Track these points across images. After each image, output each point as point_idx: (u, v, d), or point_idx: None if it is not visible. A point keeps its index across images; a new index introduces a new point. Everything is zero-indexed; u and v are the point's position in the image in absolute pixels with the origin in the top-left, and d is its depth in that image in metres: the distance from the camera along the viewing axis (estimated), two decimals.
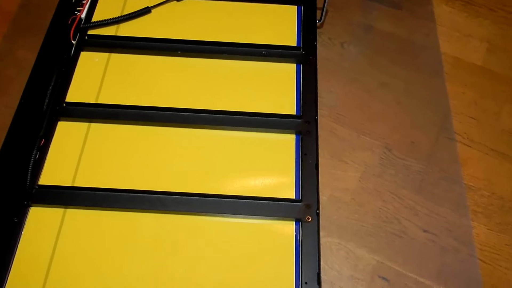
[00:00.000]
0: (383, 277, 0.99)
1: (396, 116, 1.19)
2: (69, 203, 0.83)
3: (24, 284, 0.76)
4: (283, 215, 0.83)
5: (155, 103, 0.94)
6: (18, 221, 0.82)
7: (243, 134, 0.92)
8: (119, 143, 0.91)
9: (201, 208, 0.83)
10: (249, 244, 0.81)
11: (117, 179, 0.87)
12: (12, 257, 0.79)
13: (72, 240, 0.81)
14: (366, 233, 1.03)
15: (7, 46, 1.32)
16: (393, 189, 1.09)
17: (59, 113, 0.93)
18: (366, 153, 1.14)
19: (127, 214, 0.83)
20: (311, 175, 0.87)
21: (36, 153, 0.88)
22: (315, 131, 0.92)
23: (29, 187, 0.84)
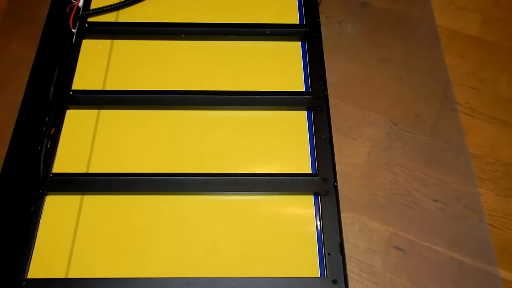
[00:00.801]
0: (398, 247, 1.00)
1: (398, 90, 1.21)
2: (86, 189, 0.82)
3: (47, 272, 0.75)
4: (301, 189, 0.84)
5: (163, 87, 0.94)
6: (35, 210, 0.81)
7: (254, 113, 0.92)
8: (130, 128, 0.90)
9: (219, 187, 0.83)
10: (269, 220, 0.82)
11: (131, 163, 0.86)
12: (32, 246, 0.78)
13: (91, 226, 0.80)
14: (378, 206, 1.05)
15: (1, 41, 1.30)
16: (401, 161, 1.10)
17: (67, 102, 0.92)
18: (372, 128, 1.15)
19: (144, 197, 0.83)
20: (326, 149, 0.88)
21: (47, 142, 0.87)
22: (326, 106, 0.92)
23: (43, 176, 0.83)
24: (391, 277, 0.97)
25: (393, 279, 0.97)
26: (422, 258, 0.99)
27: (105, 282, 0.73)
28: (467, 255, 1.00)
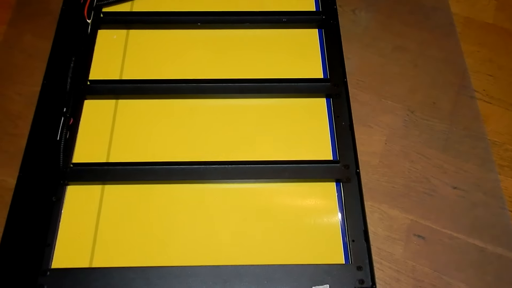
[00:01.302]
0: (418, 235, 0.99)
1: (414, 78, 1.19)
2: (106, 179, 0.82)
3: (71, 262, 0.75)
4: (322, 176, 0.83)
5: (179, 76, 0.93)
6: (57, 200, 0.80)
7: (273, 101, 0.92)
8: (148, 118, 0.89)
9: (239, 175, 0.83)
10: (291, 208, 0.81)
11: (150, 152, 0.86)
12: (55, 236, 0.77)
13: (113, 216, 0.80)
14: (398, 194, 1.04)
15: (12, 33, 1.29)
16: (420, 149, 1.09)
17: (85, 92, 0.91)
18: (389, 116, 1.13)
19: (166, 186, 0.83)
20: (346, 136, 0.87)
21: (66, 132, 0.86)
22: (345, 93, 0.92)
23: (64, 166, 0.83)
24: (412, 264, 0.96)
25: (414, 266, 0.96)
26: (443, 245, 0.98)
27: (130, 271, 0.73)
28: (489, 242, 0.99)
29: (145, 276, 0.73)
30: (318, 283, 0.73)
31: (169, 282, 0.72)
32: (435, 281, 0.94)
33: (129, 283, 0.72)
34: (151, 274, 0.73)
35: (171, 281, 0.73)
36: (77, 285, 0.72)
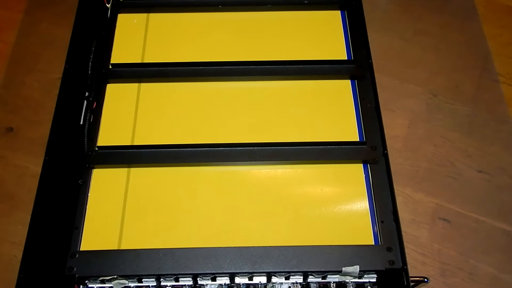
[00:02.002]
0: (444, 218, 0.98)
1: (436, 61, 1.18)
2: (132, 162, 0.82)
3: (99, 244, 0.75)
4: (349, 158, 0.82)
5: (201, 58, 0.92)
6: (83, 183, 0.80)
7: (298, 84, 0.91)
8: (172, 100, 0.89)
9: (266, 157, 0.82)
10: (319, 189, 0.80)
11: (175, 135, 0.85)
12: (82, 219, 0.77)
13: (140, 198, 0.79)
14: (422, 177, 1.03)
15: (29, 21, 1.29)
16: (443, 133, 1.08)
17: (107, 76, 0.91)
18: (412, 100, 1.12)
19: (191, 168, 0.82)
20: (372, 118, 0.86)
21: (90, 116, 0.86)
22: (370, 74, 0.90)
23: (88, 149, 0.82)
24: (438, 248, 0.95)
25: (440, 250, 0.95)
26: (469, 229, 0.97)
27: (159, 252, 0.72)
28: None
29: (174, 257, 0.72)
30: (347, 264, 0.72)
31: (198, 263, 0.72)
32: (461, 264, 0.93)
33: (158, 264, 0.71)
34: (180, 255, 0.72)
35: (200, 262, 0.72)
36: (106, 267, 0.71)
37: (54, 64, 1.20)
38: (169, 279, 0.74)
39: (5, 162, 1.05)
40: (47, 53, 1.23)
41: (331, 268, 0.72)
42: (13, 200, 1.01)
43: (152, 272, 0.71)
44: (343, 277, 0.74)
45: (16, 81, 1.17)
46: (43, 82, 1.17)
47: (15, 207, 1.00)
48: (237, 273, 0.73)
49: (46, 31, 1.28)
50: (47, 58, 1.22)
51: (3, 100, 1.14)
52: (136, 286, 0.75)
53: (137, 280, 0.74)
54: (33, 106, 1.13)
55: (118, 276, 0.72)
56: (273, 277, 0.74)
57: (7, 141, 1.08)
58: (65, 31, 1.19)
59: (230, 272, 0.72)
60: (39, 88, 1.18)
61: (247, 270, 0.72)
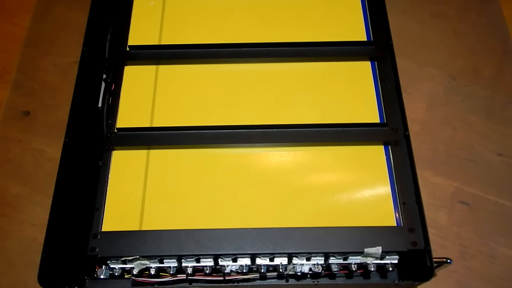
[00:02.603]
0: (463, 201, 0.98)
1: (454, 44, 1.16)
2: (151, 143, 0.81)
3: (121, 225, 0.75)
4: (370, 139, 0.81)
5: (220, 40, 0.92)
6: (103, 165, 0.80)
7: (317, 65, 0.90)
8: (190, 82, 0.88)
9: (287, 139, 0.82)
10: (340, 171, 0.80)
11: (194, 117, 0.85)
12: (103, 200, 0.77)
13: (160, 180, 0.79)
14: (440, 161, 1.02)
15: (44, 5, 1.28)
16: (462, 116, 1.07)
17: (125, 58, 0.90)
18: (430, 83, 1.11)
19: (211, 150, 0.82)
20: (393, 99, 0.85)
21: (108, 98, 0.86)
22: (390, 56, 0.89)
23: (108, 131, 0.82)
24: (457, 231, 0.95)
25: (459, 233, 0.95)
26: (488, 212, 0.97)
27: (180, 233, 0.72)
28: None
29: (195, 238, 0.72)
30: (369, 245, 0.72)
31: (219, 244, 0.72)
32: (481, 247, 0.93)
33: (180, 245, 0.72)
34: (202, 236, 0.72)
35: (221, 243, 0.72)
36: (128, 248, 0.72)
37: (69, 47, 1.20)
38: (190, 260, 0.74)
39: (23, 145, 1.06)
40: (62, 36, 1.23)
41: (353, 249, 0.72)
42: (32, 183, 1.01)
43: (174, 252, 0.72)
44: (365, 258, 0.74)
45: (31, 64, 1.17)
46: (59, 66, 1.17)
47: (34, 189, 1.00)
48: (258, 254, 0.73)
49: (61, 15, 1.28)
50: (62, 41, 1.22)
51: (19, 84, 1.14)
52: (157, 267, 0.75)
53: (159, 261, 0.74)
54: (50, 90, 1.13)
55: (140, 256, 0.72)
56: (294, 258, 0.74)
57: (25, 125, 1.08)
58: (80, 15, 1.19)
59: (251, 253, 0.72)
60: (54, 71, 1.18)
61: (269, 251, 0.72)
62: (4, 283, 0.92)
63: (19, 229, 0.97)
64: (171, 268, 0.74)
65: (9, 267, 0.94)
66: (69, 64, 1.17)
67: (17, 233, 0.97)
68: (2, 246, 0.96)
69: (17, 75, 1.16)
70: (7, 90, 1.14)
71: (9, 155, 1.05)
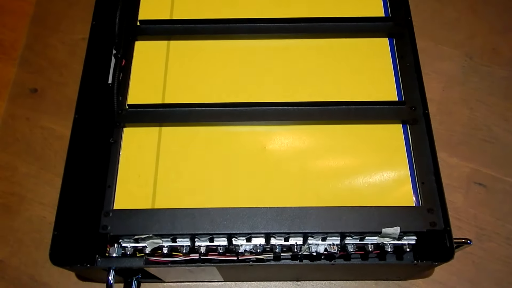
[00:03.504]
0: (480, 183, 0.96)
1: (472, 23, 1.13)
2: (164, 120, 0.79)
3: (133, 203, 0.73)
4: (388, 118, 0.79)
5: (233, 15, 0.89)
6: (114, 142, 0.78)
7: (334, 42, 0.87)
8: (203, 58, 0.86)
9: (303, 117, 0.80)
10: (358, 149, 0.78)
11: (206, 94, 0.83)
12: (115, 178, 0.75)
13: (172, 157, 0.78)
14: (457, 142, 1.00)
15: None
16: (479, 96, 1.04)
17: (135, 32, 0.88)
18: (446, 63, 1.08)
19: (224, 128, 0.80)
20: (412, 77, 0.83)
21: (119, 74, 0.83)
22: (409, 32, 0.86)
23: (119, 107, 0.80)
24: (474, 212, 0.93)
25: (476, 214, 0.93)
26: (505, 193, 0.95)
27: (194, 212, 0.71)
28: None
29: (209, 217, 0.71)
30: (388, 225, 0.70)
31: (233, 223, 0.70)
32: (498, 229, 0.91)
33: (194, 224, 0.70)
34: (216, 215, 0.71)
35: (236, 222, 0.70)
36: (141, 226, 0.70)
37: (77, 25, 1.18)
38: (204, 239, 0.72)
39: (31, 123, 1.04)
40: (70, 13, 1.20)
41: (370, 229, 0.70)
42: (40, 162, 1.00)
43: (188, 231, 0.70)
44: (382, 238, 0.72)
45: (39, 41, 1.15)
46: (67, 43, 1.15)
47: (43, 168, 0.99)
48: (273, 234, 0.71)
49: None
50: (70, 18, 1.20)
51: (26, 61, 1.12)
52: (169, 246, 0.73)
53: (171, 240, 0.72)
54: (58, 67, 1.11)
55: (153, 235, 0.70)
56: (309, 239, 0.73)
57: (33, 102, 1.07)
58: None
59: (266, 232, 0.70)
60: (63, 49, 1.15)
61: (284, 231, 0.70)
62: (15, 262, 0.91)
63: (28, 208, 0.96)
64: (183, 247, 0.73)
65: (19, 246, 0.93)
66: (77, 41, 1.15)
67: (26, 212, 0.96)
68: (11, 225, 0.94)
69: (24, 52, 1.14)
70: (14, 67, 1.12)
71: (17, 133, 1.03)
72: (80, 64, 1.08)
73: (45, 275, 0.90)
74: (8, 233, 0.94)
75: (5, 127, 1.05)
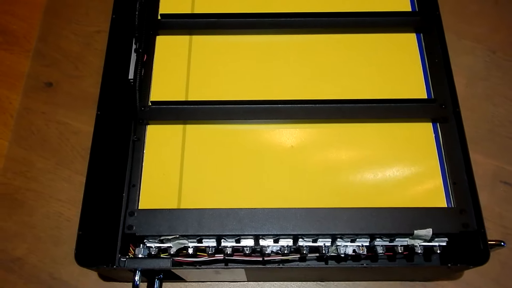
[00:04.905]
0: (505, 181, 0.94)
1: (496, 16, 1.11)
2: (188, 117, 0.78)
3: (158, 202, 0.72)
4: (418, 116, 0.78)
5: (256, 9, 0.86)
6: (138, 139, 0.76)
7: (359, 37, 0.85)
8: (226, 54, 0.84)
9: (330, 114, 0.78)
10: (386, 149, 0.76)
11: (230, 91, 0.81)
12: (139, 177, 0.74)
13: (197, 156, 0.76)
14: (481, 138, 0.98)
15: None
16: (503, 92, 1.02)
17: (156, 27, 0.85)
18: (469, 57, 1.06)
19: (250, 126, 0.78)
20: (441, 73, 0.81)
21: (141, 69, 0.81)
22: (437, 27, 0.84)
23: (141, 104, 0.78)
24: (499, 211, 0.92)
25: (501, 213, 0.91)
26: None
27: (221, 212, 0.70)
28: None
29: (237, 217, 0.69)
30: (419, 227, 0.68)
31: (262, 224, 0.69)
32: None
33: (221, 225, 0.69)
34: (244, 216, 0.69)
35: (264, 223, 0.69)
36: (168, 226, 0.69)
37: (91, 16, 1.15)
38: (230, 240, 0.71)
39: (47, 118, 1.02)
40: (84, 4, 1.17)
41: (402, 231, 0.69)
42: (57, 157, 0.98)
43: (215, 232, 0.69)
44: (413, 240, 0.70)
45: (53, 33, 1.12)
46: (81, 35, 1.13)
47: (60, 164, 0.97)
48: (302, 235, 0.70)
49: None
50: (84, 9, 1.17)
51: (40, 54, 1.10)
52: (195, 246, 0.72)
53: (197, 241, 0.71)
54: (72, 60, 1.09)
55: (180, 236, 0.69)
56: (337, 240, 0.71)
57: (48, 97, 1.04)
58: None
59: (295, 233, 0.69)
60: (77, 41, 1.13)
61: (313, 232, 0.69)
62: (33, 259, 0.90)
63: (45, 204, 0.94)
64: (209, 248, 0.71)
65: (36, 243, 0.91)
66: (91, 33, 1.12)
67: (43, 208, 0.94)
68: (29, 221, 0.93)
69: (37, 44, 1.12)
70: (28, 60, 1.10)
71: (33, 127, 1.02)
72: (95, 57, 1.06)
73: (64, 272, 0.89)
74: (25, 229, 0.93)
75: (21, 120, 1.03)
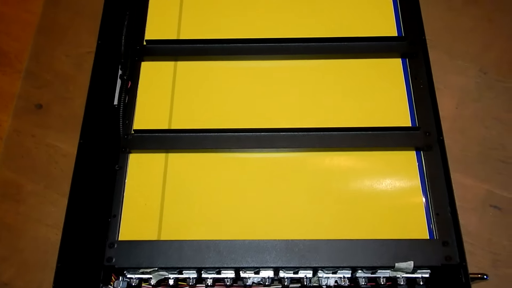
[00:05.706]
0: (495, 205, 0.93)
1: (488, 34, 1.10)
2: (171, 146, 0.78)
3: (139, 234, 0.72)
4: (400, 144, 0.77)
5: (242, 35, 0.86)
6: (120, 168, 0.76)
7: (344, 62, 0.85)
8: (211, 80, 0.84)
9: (312, 143, 0.77)
10: (369, 178, 0.76)
11: (215, 119, 0.80)
12: (120, 207, 0.74)
13: (179, 186, 0.76)
14: (471, 161, 0.97)
15: None
16: (495, 113, 1.01)
17: (142, 53, 0.85)
18: (460, 78, 1.05)
19: (234, 155, 0.78)
20: (426, 99, 0.80)
21: (125, 96, 0.81)
22: (423, 52, 0.83)
23: (124, 132, 0.78)
24: (488, 237, 0.90)
25: (490, 239, 0.90)
26: None
27: (201, 244, 0.69)
28: None
29: (217, 249, 0.69)
30: (400, 259, 0.68)
31: (242, 256, 0.69)
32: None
33: (202, 257, 0.68)
34: (224, 248, 0.69)
35: (245, 255, 0.69)
36: (147, 258, 0.69)
37: (83, 36, 1.16)
38: (211, 272, 0.71)
39: (37, 140, 1.03)
40: (75, 24, 1.18)
41: (382, 264, 0.68)
42: (46, 181, 0.99)
43: (195, 264, 0.69)
44: (395, 272, 0.70)
45: (44, 54, 1.13)
46: (73, 56, 1.13)
47: (49, 187, 0.98)
48: (282, 268, 0.69)
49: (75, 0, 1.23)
50: (76, 29, 1.18)
51: (32, 74, 1.10)
52: (175, 278, 0.72)
53: (178, 272, 0.71)
54: (63, 81, 1.09)
55: (159, 268, 0.69)
56: (319, 271, 0.71)
57: (38, 119, 1.05)
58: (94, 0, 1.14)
59: (276, 266, 0.69)
60: (68, 62, 1.13)
61: (294, 265, 0.69)
62: (19, 284, 0.90)
63: (33, 228, 0.95)
64: (190, 279, 0.71)
65: (24, 267, 0.92)
66: (82, 54, 1.13)
67: (31, 232, 0.95)
68: (16, 245, 0.93)
69: (29, 65, 1.12)
70: (19, 80, 1.10)
71: (22, 150, 1.02)
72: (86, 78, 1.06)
73: None
74: (13, 253, 0.93)
75: (10, 143, 1.03)
